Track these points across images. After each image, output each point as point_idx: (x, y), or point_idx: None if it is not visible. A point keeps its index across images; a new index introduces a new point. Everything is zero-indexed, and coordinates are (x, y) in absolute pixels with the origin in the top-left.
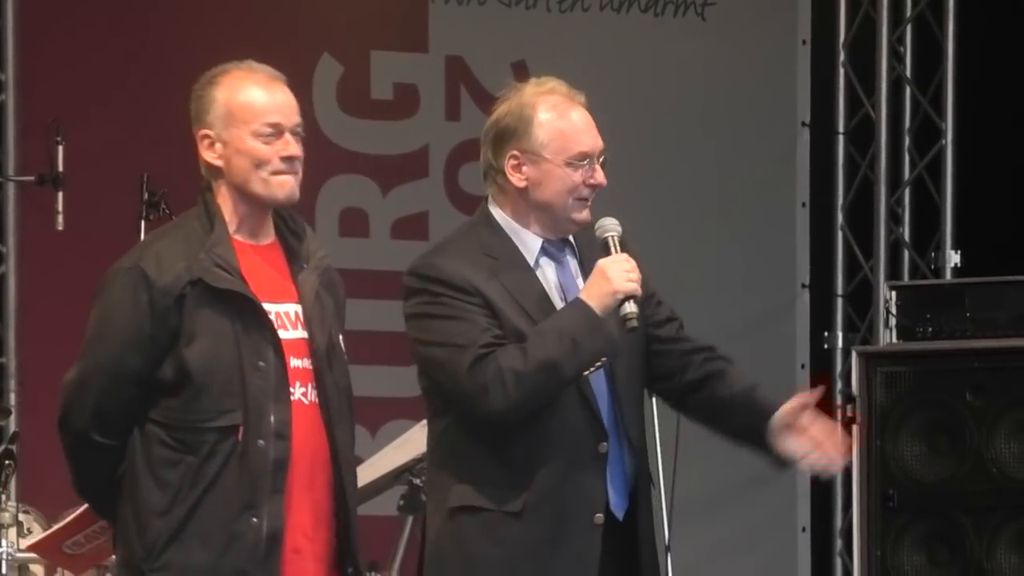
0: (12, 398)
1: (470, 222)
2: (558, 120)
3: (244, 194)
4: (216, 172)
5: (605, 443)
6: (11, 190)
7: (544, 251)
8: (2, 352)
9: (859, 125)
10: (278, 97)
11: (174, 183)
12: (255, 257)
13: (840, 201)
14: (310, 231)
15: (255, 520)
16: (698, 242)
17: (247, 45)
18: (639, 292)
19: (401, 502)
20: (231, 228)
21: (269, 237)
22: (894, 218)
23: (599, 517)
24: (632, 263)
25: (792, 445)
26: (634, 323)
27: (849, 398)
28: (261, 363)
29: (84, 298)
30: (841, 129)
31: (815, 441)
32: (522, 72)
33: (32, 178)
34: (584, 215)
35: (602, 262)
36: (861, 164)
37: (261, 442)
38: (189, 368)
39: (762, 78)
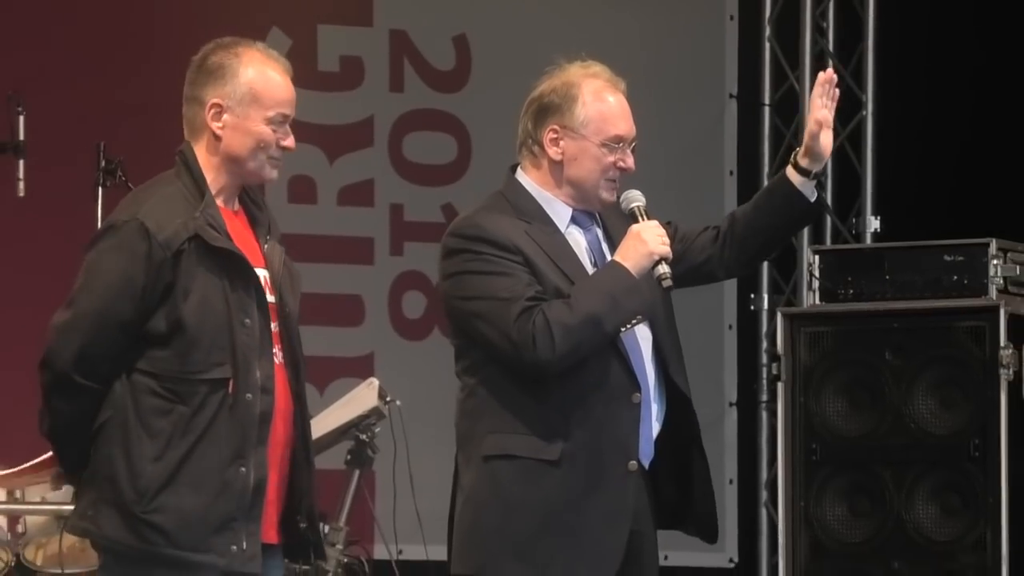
0: None
1: (496, 192)
2: (600, 102)
3: (236, 166)
4: (211, 138)
5: (638, 394)
6: None
7: (573, 219)
8: None
9: (784, 97)
10: (292, 91)
11: (130, 151)
12: (232, 222)
13: (766, 169)
14: (266, 203)
15: (243, 470)
16: None
17: (200, 19)
18: (671, 255)
19: (348, 457)
20: (212, 192)
21: (237, 205)
22: (817, 185)
23: (633, 464)
24: (662, 229)
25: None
26: (669, 282)
27: (774, 357)
28: (247, 320)
29: (45, 261)
30: (767, 100)
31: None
32: (463, 46)
33: None
34: (610, 196)
35: (636, 227)
36: (786, 134)
37: (249, 395)
38: (184, 321)
39: (692, 52)
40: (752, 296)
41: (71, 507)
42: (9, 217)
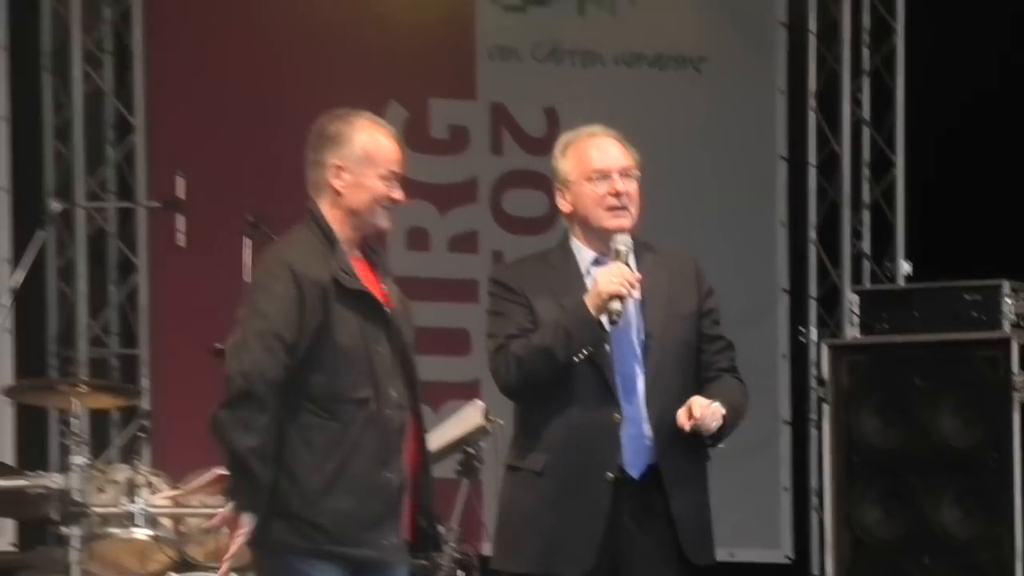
0: (145, 382)
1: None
2: (576, 150)
3: (355, 218)
4: (333, 195)
5: (618, 414)
6: (142, 214)
7: (596, 262)
8: (136, 345)
9: (826, 158)
10: (399, 152)
11: (272, 207)
12: (357, 266)
13: (812, 220)
14: (382, 250)
15: (388, 475)
16: (696, 253)
17: (332, 95)
18: (622, 292)
19: (458, 467)
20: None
21: (359, 253)
22: (856, 234)
23: (609, 475)
24: (623, 269)
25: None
26: (614, 318)
27: (821, 382)
28: (380, 348)
29: (201, 301)
30: (812, 161)
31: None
32: (553, 116)
33: (159, 204)
34: (618, 222)
35: (597, 270)
36: (828, 190)
37: (388, 411)
38: (334, 349)
39: (747, 119)
40: (802, 329)
41: None
42: (171, 263)
